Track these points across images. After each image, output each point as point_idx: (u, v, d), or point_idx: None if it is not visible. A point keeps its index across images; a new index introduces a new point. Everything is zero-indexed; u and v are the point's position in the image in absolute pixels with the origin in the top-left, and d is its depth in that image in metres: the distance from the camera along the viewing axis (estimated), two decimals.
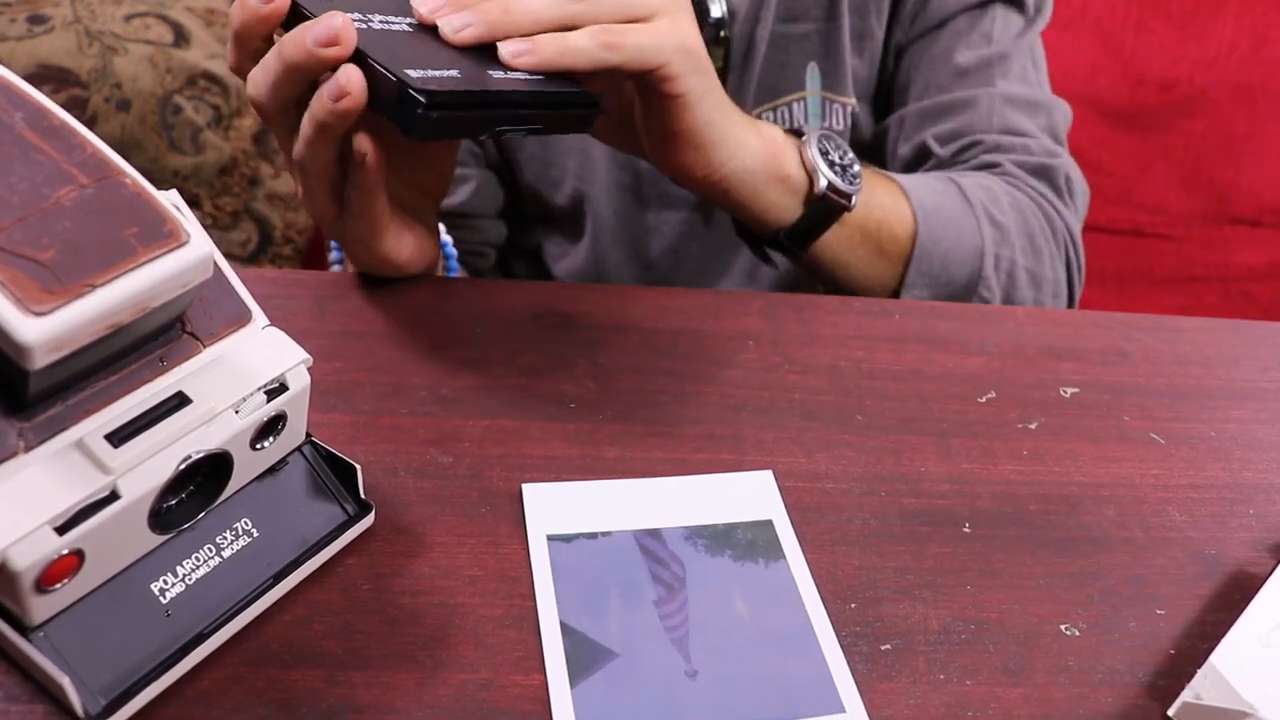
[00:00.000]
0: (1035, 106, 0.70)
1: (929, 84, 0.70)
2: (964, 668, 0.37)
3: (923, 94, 0.71)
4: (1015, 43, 0.70)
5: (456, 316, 0.52)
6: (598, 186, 0.74)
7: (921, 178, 0.65)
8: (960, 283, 0.62)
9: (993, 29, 0.70)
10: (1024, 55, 0.71)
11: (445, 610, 0.37)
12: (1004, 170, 0.67)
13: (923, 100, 0.70)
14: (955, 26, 0.70)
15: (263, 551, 0.36)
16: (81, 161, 0.30)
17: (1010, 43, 0.70)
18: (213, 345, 0.34)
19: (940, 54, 0.70)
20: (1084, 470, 0.46)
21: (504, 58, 0.43)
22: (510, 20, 0.43)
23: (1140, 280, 1.30)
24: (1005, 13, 0.71)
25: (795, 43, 0.69)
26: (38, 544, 0.29)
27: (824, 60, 0.70)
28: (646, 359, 0.50)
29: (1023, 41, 0.71)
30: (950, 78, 0.70)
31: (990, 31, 0.70)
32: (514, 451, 0.44)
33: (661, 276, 0.77)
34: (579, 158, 0.73)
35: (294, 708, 0.33)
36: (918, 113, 0.71)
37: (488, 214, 0.76)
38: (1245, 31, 1.25)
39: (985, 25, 0.70)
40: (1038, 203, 0.67)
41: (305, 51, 0.40)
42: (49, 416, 0.30)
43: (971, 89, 0.69)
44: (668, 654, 0.36)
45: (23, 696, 0.33)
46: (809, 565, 0.40)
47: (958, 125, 0.69)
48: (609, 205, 0.75)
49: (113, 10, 1.04)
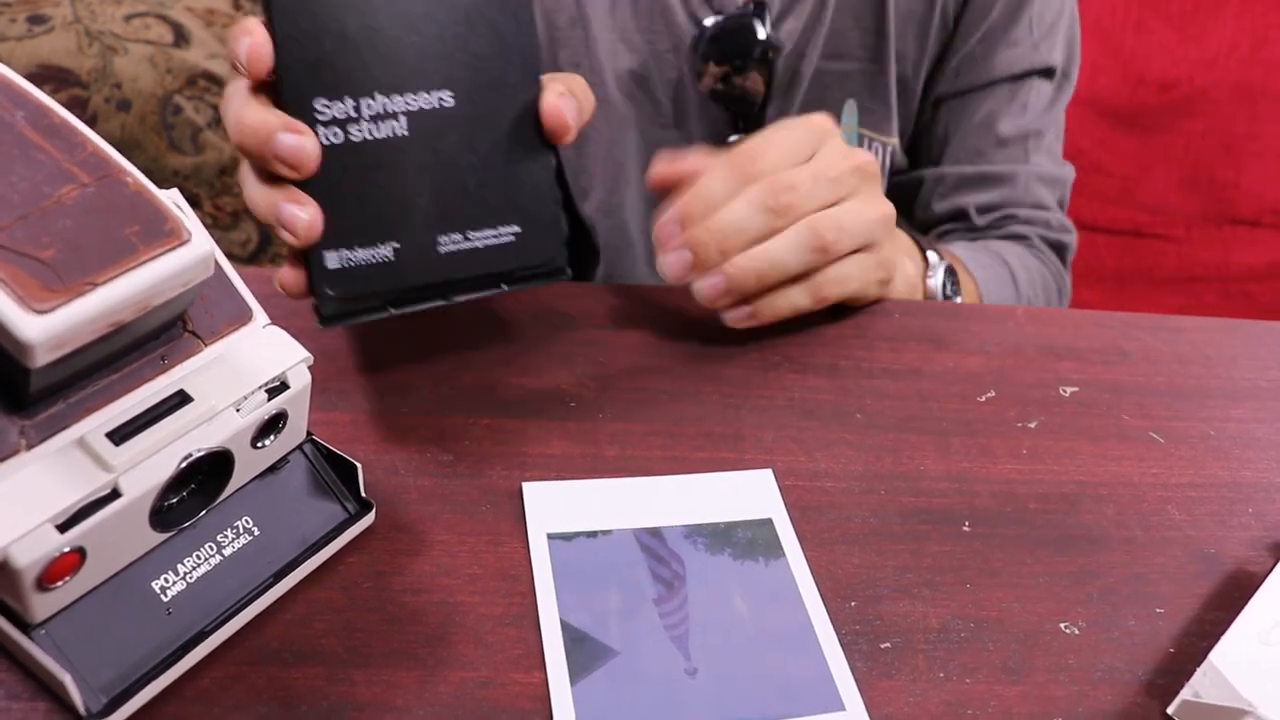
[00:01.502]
0: (1057, 182, 0.77)
1: (970, 148, 0.75)
2: (963, 666, 0.37)
3: (962, 156, 0.75)
4: (1047, 115, 0.76)
5: (457, 316, 0.52)
6: (628, 200, 0.74)
7: (989, 269, 0.71)
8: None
9: (1029, 99, 0.74)
10: (1053, 129, 0.77)
11: (445, 608, 0.37)
12: (1031, 243, 0.76)
13: (962, 163, 0.75)
14: (997, 93, 0.74)
15: (263, 550, 0.36)
16: (83, 160, 0.30)
17: (1043, 115, 0.75)
18: (214, 344, 0.34)
19: (982, 120, 0.74)
20: (1083, 469, 0.46)
21: (731, 323, 0.49)
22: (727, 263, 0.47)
23: (1140, 280, 1.30)
24: (1041, 84, 0.75)
25: (836, 80, 0.71)
26: (39, 542, 0.29)
27: (866, 98, 0.72)
28: (646, 358, 0.50)
29: (1053, 114, 0.76)
30: (991, 146, 0.75)
31: (1028, 101, 0.74)
32: (514, 450, 0.44)
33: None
34: (613, 170, 0.73)
35: (294, 706, 0.33)
36: (958, 178, 0.75)
37: None
38: (1245, 31, 1.25)
39: (1024, 95, 0.74)
40: (1054, 275, 0.77)
41: (265, 154, 0.39)
42: (50, 414, 0.30)
43: (1010, 164, 0.75)
44: (668, 652, 0.36)
45: (24, 694, 0.33)
46: (809, 563, 0.40)
47: (996, 198, 0.76)
48: (636, 219, 0.75)
49: (113, 10, 1.04)
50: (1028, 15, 0.71)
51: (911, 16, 0.70)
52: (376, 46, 0.40)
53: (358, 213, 0.41)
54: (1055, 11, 0.73)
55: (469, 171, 0.42)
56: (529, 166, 0.43)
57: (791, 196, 0.47)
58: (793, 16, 0.67)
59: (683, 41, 0.67)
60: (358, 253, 0.41)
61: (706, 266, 0.47)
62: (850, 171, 0.49)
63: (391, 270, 0.41)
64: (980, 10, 0.70)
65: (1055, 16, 0.73)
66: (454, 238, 0.42)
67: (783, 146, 0.49)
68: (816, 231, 0.48)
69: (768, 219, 0.47)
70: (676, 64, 0.68)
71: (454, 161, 0.42)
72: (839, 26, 0.69)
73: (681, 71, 0.68)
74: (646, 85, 0.69)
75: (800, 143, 0.49)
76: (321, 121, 0.40)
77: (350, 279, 0.41)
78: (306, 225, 0.39)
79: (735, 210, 0.47)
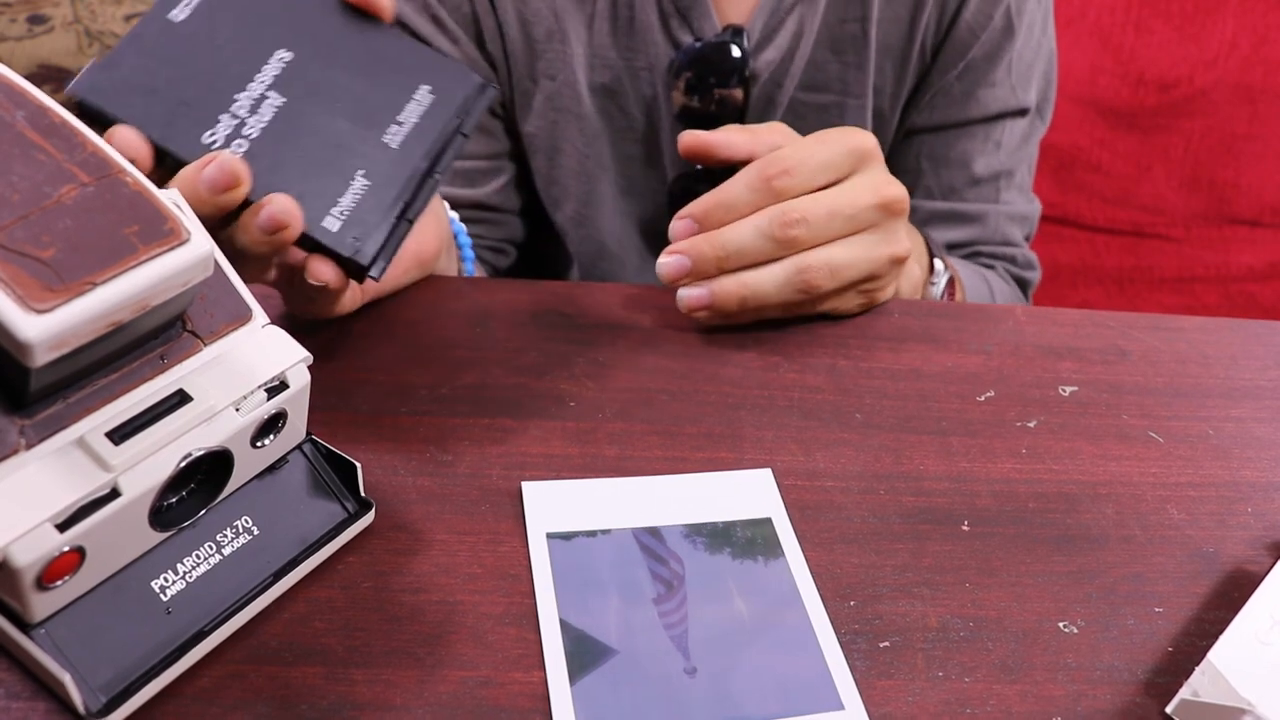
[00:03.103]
0: (1026, 219, 0.78)
1: (942, 184, 0.75)
2: (962, 665, 0.37)
3: (935, 191, 0.75)
4: (1020, 152, 0.76)
5: (456, 316, 0.52)
6: (601, 212, 0.74)
7: (975, 289, 0.72)
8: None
9: (1003, 137, 0.74)
10: (1025, 164, 0.77)
11: (445, 608, 0.37)
12: (997, 274, 0.77)
13: (934, 198, 0.75)
14: (973, 132, 0.73)
15: (263, 549, 0.36)
16: (82, 160, 0.30)
17: (1016, 153, 0.75)
18: (213, 343, 0.34)
19: (957, 159, 0.74)
20: (1083, 469, 0.46)
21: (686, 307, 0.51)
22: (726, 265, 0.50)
23: (1140, 280, 1.30)
24: (1015, 123, 0.74)
25: (813, 112, 0.71)
26: (38, 541, 0.29)
27: None
28: (646, 358, 0.50)
29: (1026, 150, 0.76)
30: (965, 184, 0.75)
31: (1001, 140, 0.74)
32: (513, 450, 0.44)
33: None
34: (585, 182, 0.72)
35: (294, 705, 0.33)
36: (929, 212, 0.75)
37: (513, 209, 0.76)
38: (1245, 31, 1.25)
39: (998, 134, 0.74)
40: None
41: (202, 200, 0.39)
42: (50, 414, 0.30)
43: (982, 203, 0.75)
44: (667, 651, 0.36)
45: (24, 694, 0.33)
46: (808, 563, 0.40)
47: (965, 236, 0.76)
48: (609, 229, 0.74)
49: (113, 10, 1.04)
50: (1008, 57, 0.71)
51: (890, 50, 0.69)
52: (199, 69, 0.43)
53: (311, 176, 0.42)
54: (1034, 51, 0.73)
55: (351, 83, 0.45)
56: (387, 45, 0.46)
57: (800, 230, 0.48)
58: (771, 47, 0.66)
59: (659, 61, 0.67)
60: (342, 201, 0.42)
61: (700, 277, 0.50)
62: (872, 208, 0.50)
63: (377, 191, 0.43)
64: (960, 46, 0.69)
65: (1033, 56, 0.73)
66: (391, 131, 0.44)
67: (815, 163, 0.49)
68: (805, 274, 0.49)
69: (771, 247, 0.49)
70: (652, 82, 0.68)
71: (335, 85, 0.44)
72: (817, 58, 0.68)
73: (656, 90, 0.68)
74: (621, 101, 0.69)
75: (834, 163, 0.50)
76: (221, 145, 0.41)
77: (356, 224, 0.42)
78: (284, 207, 0.39)
79: (742, 232, 0.49)
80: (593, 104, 0.69)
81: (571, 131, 0.70)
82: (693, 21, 0.66)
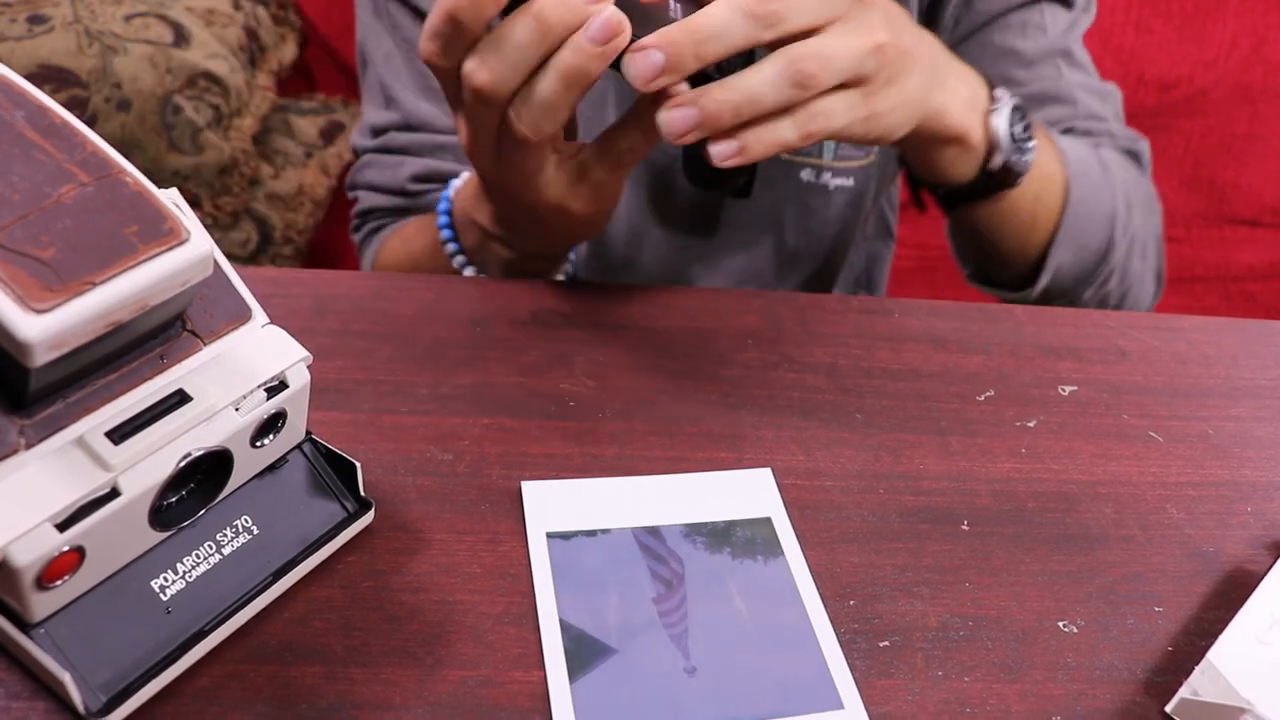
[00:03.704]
0: (1105, 94, 0.72)
1: (996, 77, 0.69)
2: (962, 664, 0.37)
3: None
4: (1069, 35, 0.71)
5: (456, 315, 0.52)
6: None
7: (1074, 146, 0.64)
8: (1093, 248, 0.63)
9: (1044, 21, 0.70)
10: (1080, 50, 0.72)
11: (445, 607, 0.37)
12: (1106, 147, 0.69)
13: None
14: (1006, 21, 0.70)
15: (263, 549, 0.36)
16: (82, 160, 0.30)
17: (1065, 35, 0.71)
18: (213, 343, 0.34)
19: (1000, 47, 0.69)
20: (1082, 468, 0.46)
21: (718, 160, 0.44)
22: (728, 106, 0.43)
23: None
24: (1053, 7, 0.70)
25: None
26: (38, 541, 0.29)
27: None
28: (646, 358, 0.50)
29: (1074, 33, 0.72)
30: (1019, 68, 0.69)
31: (1043, 24, 0.70)
32: (513, 449, 0.44)
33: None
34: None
35: (294, 704, 0.33)
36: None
37: None
38: (1245, 31, 1.25)
39: (1036, 18, 0.70)
40: (1136, 180, 0.69)
41: (585, 54, 0.40)
42: (49, 414, 0.30)
43: (1045, 81, 0.69)
44: (667, 651, 0.36)
45: (24, 693, 0.33)
46: (808, 562, 0.40)
47: (1048, 117, 0.69)
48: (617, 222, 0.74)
49: (113, 10, 1.04)
50: None
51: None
52: None
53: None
54: None
55: None
56: None
57: (777, 4, 0.43)
58: None
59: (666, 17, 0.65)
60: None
61: (679, 71, 0.42)
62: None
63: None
64: None
65: None
66: None
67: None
68: (795, 63, 0.43)
69: (750, 28, 0.42)
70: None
71: None
72: None
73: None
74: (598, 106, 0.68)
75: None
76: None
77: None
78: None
79: (715, 12, 0.42)
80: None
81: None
82: None
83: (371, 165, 0.73)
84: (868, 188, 0.74)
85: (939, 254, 1.35)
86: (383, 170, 0.72)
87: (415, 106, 0.71)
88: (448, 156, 0.71)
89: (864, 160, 0.73)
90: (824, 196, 0.73)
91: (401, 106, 0.72)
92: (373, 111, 0.73)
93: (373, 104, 0.74)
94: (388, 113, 0.72)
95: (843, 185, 0.73)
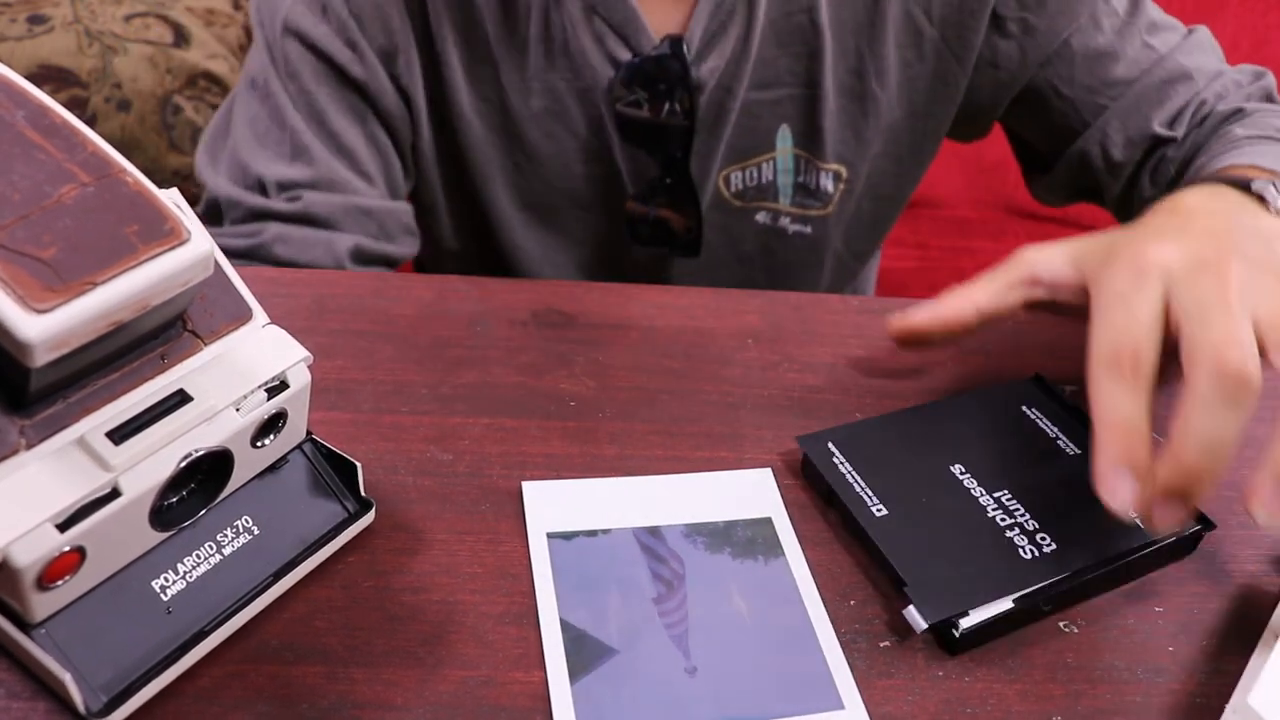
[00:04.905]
0: (1198, 43, 0.69)
1: (1094, 83, 0.68)
2: (962, 664, 0.37)
3: (1097, 97, 0.68)
4: (1140, 10, 0.69)
5: (456, 315, 0.52)
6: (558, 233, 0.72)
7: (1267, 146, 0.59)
8: None
9: (1113, 2, 0.68)
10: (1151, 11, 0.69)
11: (445, 607, 0.37)
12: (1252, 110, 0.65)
13: (1103, 105, 0.68)
14: (1081, 30, 0.67)
15: (263, 549, 0.36)
16: (83, 160, 0.30)
17: (1138, 11, 0.69)
18: (213, 343, 0.34)
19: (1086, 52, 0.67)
20: None
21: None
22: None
23: None
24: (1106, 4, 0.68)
25: (768, 108, 0.68)
26: (39, 541, 0.29)
27: (799, 122, 0.69)
28: (646, 357, 0.50)
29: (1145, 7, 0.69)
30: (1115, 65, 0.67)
31: (1114, 5, 0.68)
32: (514, 449, 0.44)
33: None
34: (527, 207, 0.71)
35: (294, 704, 0.33)
36: (1123, 111, 0.68)
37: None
38: (1245, 31, 1.25)
39: (1099, 10, 0.68)
40: None
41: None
42: (50, 414, 0.30)
43: (1151, 64, 0.67)
44: (667, 651, 0.36)
45: (24, 693, 0.33)
46: (808, 562, 0.40)
47: (1179, 104, 0.67)
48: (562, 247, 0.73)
49: (113, 10, 1.04)
50: None
51: (859, 29, 0.66)
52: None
53: None
54: None
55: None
56: None
57: (1244, 366, 0.37)
58: (714, 54, 0.64)
59: (599, 81, 0.64)
60: None
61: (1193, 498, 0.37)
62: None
63: None
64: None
65: None
66: None
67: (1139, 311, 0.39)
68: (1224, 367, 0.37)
69: (1236, 414, 0.37)
70: (596, 102, 0.65)
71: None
72: (765, 55, 0.66)
73: (600, 110, 0.66)
74: (566, 122, 0.67)
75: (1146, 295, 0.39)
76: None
77: None
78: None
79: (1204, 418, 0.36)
80: (537, 130, 0.67)
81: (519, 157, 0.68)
82: (628, 37, 0.63)
83: (287, 241, 0.61)
84: (827, 235, 0.74)
85: (939, 254, 1.35)
86: (309, 249, 0.61)
87: (330, 166, 0.63)
88: (373, 227, 0.64)
89: (821, 210, 0.72)
90: (781, 239, 0.73)
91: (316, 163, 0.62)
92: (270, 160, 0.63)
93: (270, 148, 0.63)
94: (296, 166, 0.63)
95: (801, 231, 0.73)
